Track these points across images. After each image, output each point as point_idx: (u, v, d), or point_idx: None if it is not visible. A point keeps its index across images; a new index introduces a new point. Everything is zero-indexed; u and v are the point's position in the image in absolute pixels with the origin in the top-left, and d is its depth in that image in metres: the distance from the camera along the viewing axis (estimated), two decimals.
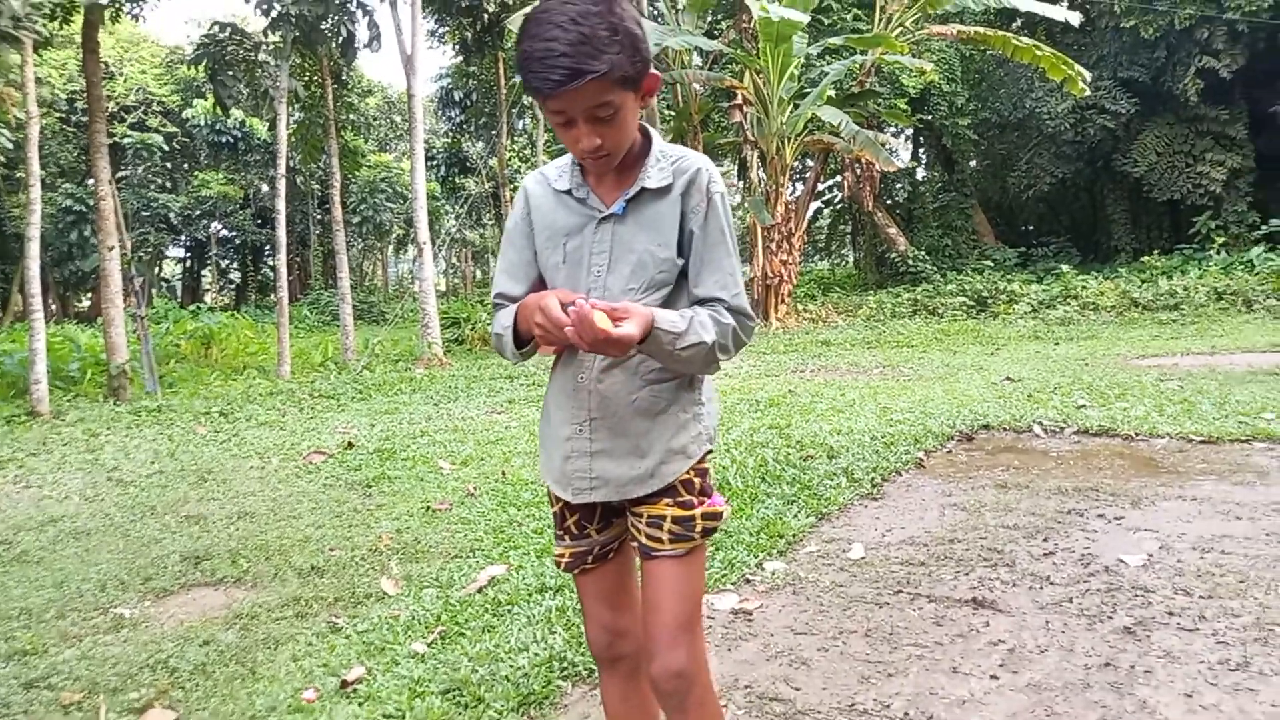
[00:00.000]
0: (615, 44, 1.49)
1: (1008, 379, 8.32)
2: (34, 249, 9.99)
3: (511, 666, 2.83)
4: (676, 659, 1.70)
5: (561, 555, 1.85)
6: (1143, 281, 16.69)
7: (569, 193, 1.72)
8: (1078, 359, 9.77)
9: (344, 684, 2.80)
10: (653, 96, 1.66)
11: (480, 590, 3.55)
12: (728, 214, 1.71)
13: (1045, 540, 3.84)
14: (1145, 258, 19.54)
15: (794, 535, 4.07)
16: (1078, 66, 15.26)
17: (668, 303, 1.69)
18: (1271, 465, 4.84)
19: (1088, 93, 16.17)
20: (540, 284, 1.78)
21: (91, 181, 11.84)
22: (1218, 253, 18.32)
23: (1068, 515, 4.16)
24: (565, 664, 2.83)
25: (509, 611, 3.31)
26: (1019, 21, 21.45)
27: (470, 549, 4.14)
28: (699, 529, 1.73)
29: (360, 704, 2.67)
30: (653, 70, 1.60)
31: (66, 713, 2.77)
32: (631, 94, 1.57)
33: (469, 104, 30.67)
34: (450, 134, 35.13)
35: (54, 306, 30.00)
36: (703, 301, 1.67)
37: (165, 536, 4.64)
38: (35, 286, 9.98)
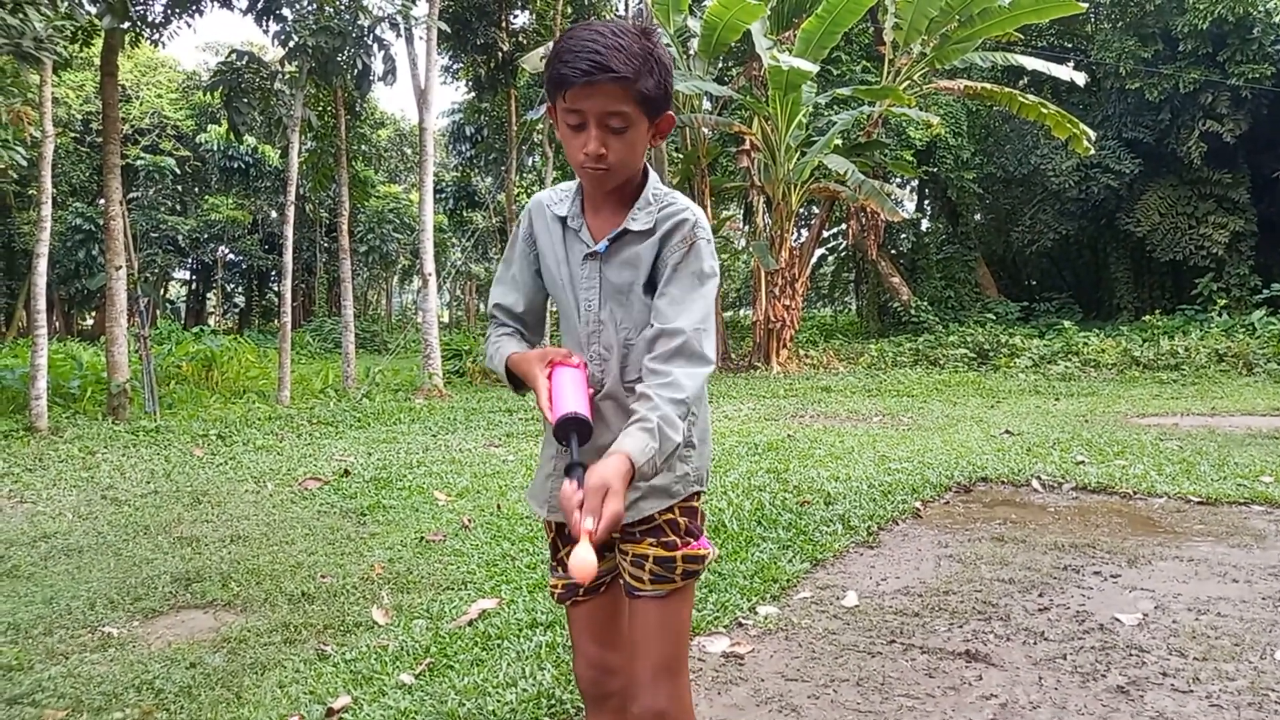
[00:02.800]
0: (647, 64, 1.57)
1: (1007, 432, 8.32)
2: (42, 266, 10.04)
3: (499, 702, 2.80)
4: (658, 700, 1.70)
5: (555, 586, 1.86)
6: (1144, 340, 16.74)
7: (565, 220, 1.76)
8: (1077, 415, 9.78)
9: (330, 712, 2.77)
10: (663, 138, 1.70)
11: (471, 623, 3.53)
12: (711, 263, 1.70)
13: (1040, 595, 3.82)
14: (1147, 317, 19.63)
15: (788, 580, 4.05)
16: (1082, 125, 15.46)
17: None
18: (1269, 529, 4.83)
19: (1092, 151, 16.35)
20: (536, 296, 1.85)
21: (102, 201, 11.93)
22: (1219, 314, 18.40)
23: (1064, 571, 4.14)
24: (553, 701, 2.81)
25: (499, 646, 3.28)
26: (1025, 79, 21.75)
27: (462, 581, 4.12)
28: (679, 571, 1.72)
29: None
30: (669, 112, 1.66)
31: None
32: (647, 119, 1.62)
33: (480, 139, 30.98)
34: (460, 168, 35.45)
35: (58, 323, 30.09)
36: (659, 336, 1.62)
37: (157, 557, 4.62)
38: (41, 303, 10.01)
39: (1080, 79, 16.36)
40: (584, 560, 1.38)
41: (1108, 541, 4.61)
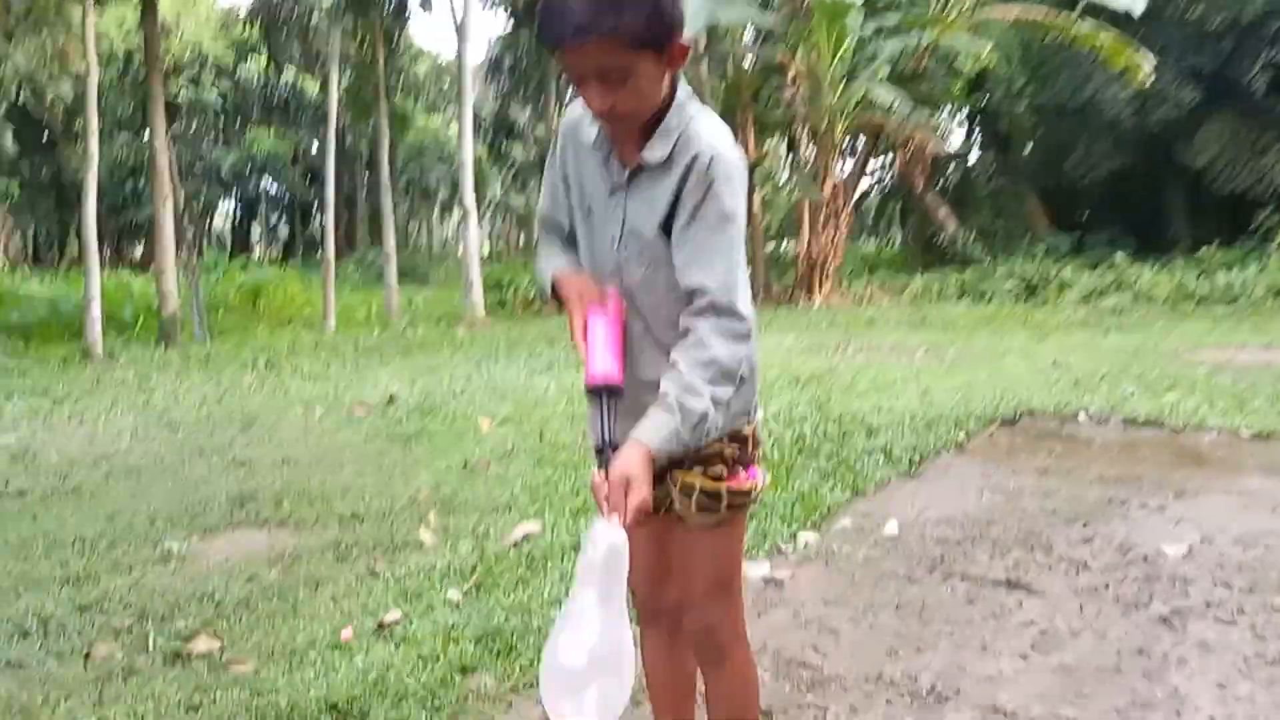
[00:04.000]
0: (634, 3, 1.40)
1: (1055, 365, 8.20)
2: (91, 198, 10.20)
3: (543, 619, 2.87)
4: (710, 615, 1.72)
5: None
6: (1199, 274, 16.27)
7: (593, 148, 1.66)
8: (1128, 349, 9.58)
9: (381, 625, 2.87)
10: (679, 66, 1.54)
11: (515, 545, 3.61)
12: (735, 201, 1.56)
13: (1084, 526, 3.80)
14: (1203, 250, 19.04)
15: (828, 509, 4.07)
16: (1140, 54, 14.84)
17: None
18: None
19: (1149, 82, 15.72)
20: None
21: (148, 135, 12.04)
22: (1279, 248, 17.80)
23: (1109, 503, 4.11)
24: None
25: (543, 566, 3.35)
26: (1080, 6, 20.86)
27: (506, 505, 4.20)
28: (725, 504, 1.69)
29: (396, 645, 2.73)
30: (682, 40, 1.49)
31: (117, 637, 2.87)
32: (652, 57, 1.46)
33: (518, 71, 30.61)
34: (498, 100, 35.13)
35: (109, 254, 30.64)
36: (690, 293, 1.55)
37: (212, 478, 4.77)
38: (91, 233, 10.22)
39: (1138, 6, 15.64)
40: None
41: (1155, 474, 4.55)
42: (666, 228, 1.58)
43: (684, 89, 1.60)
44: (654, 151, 1.56)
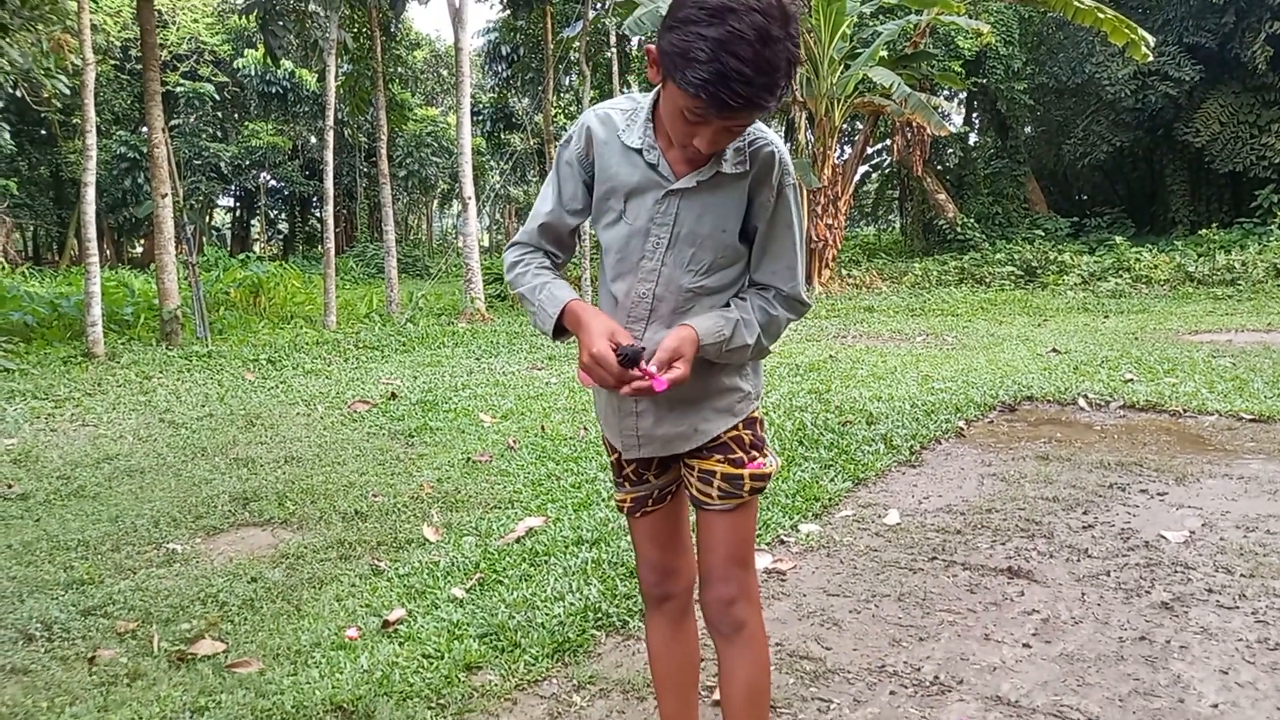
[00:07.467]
0: (787, 75, 1.40)
1: (1054, 350, 8.20)
2: (90, 194, 10.18)
3: (547, 614, 2.89)
4: (728, 590, 1.76)
5: (623, 500, 1.87)
6: (1199, 255, 16.23)
7: (639, 152, 1.63)
8: (1127, 333, 9.59)
9: (386, 624, 2.88)
10: None
11: (518, 540, 3.62)
12: (798, 205, 1.69)
13: (1085, 513, 3.81)
14: (1203, 231, 18.99)
15: (830, 499, 4.08)
16: (1141, 30, 14.74)
17: (728, 283, 1.69)
18: None
19: (1151, 58, 15.63)
20: (582, 219, 1.78)
21: (145, 129, 11.99)
22: (1279, 227, 17.74)
23: (1109, 489, 4.12)
24: (600, 614, 2.89)
25: (546, 562, 3.37)
26: None
27: (509, 500, 4.21)
28: (747, 488, 1.74)
29: (401, 644, 2.75)
30: None
31: (121, 640, 2.88)
32: None
33: (516, 59, 30.46)
34: (496, 89, 34.98)
35: (108, 251, 30.62)
36: (764, 286, 1.70)
37: (215, 477, 4.78)
38: (91, 231, 10.19)
39: None
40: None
41: (1155, 460, 4.56)
42: (738, 232, 1.65)
43: None
44: (729, 163, 1.60)
